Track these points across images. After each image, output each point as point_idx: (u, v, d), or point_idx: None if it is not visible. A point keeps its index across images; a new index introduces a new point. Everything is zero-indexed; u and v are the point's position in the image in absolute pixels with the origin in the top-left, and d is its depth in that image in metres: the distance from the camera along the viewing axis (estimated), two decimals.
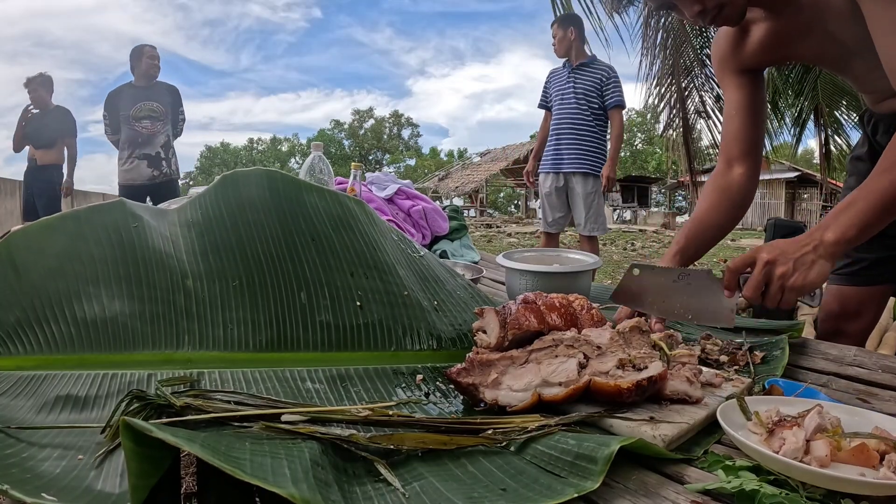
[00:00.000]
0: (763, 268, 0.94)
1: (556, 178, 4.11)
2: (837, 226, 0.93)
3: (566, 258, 1.55)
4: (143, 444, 0.54)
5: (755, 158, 1.30)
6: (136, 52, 4.83)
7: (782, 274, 0.92)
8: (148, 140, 4.84)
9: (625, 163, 42.37)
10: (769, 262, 0.93)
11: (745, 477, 0.64)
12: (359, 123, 55.79)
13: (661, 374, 0.81)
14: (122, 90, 4.90)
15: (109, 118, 4.84)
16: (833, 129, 8.30)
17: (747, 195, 1.31)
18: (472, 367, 0.83)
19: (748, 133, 1.29)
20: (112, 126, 4.85)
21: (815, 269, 0.92)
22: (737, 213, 1.32)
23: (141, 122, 4.81)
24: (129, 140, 4.78)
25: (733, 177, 1.30)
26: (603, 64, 4.04)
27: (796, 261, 0.92)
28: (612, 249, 10.49)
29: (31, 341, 0.86)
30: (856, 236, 0.93)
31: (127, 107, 4.78)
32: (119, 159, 4.84)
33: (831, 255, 0.93)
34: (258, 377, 0.88)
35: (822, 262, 0.92)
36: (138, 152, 4.81)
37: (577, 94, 3.97)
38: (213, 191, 1.08)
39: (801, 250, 0.93)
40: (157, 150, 4.88)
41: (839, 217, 0.94)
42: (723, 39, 1.29)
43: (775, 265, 0.93)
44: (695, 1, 1.06)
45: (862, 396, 0.92)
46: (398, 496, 0.60)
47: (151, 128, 4.86)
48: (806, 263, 0.92)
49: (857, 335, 1.51)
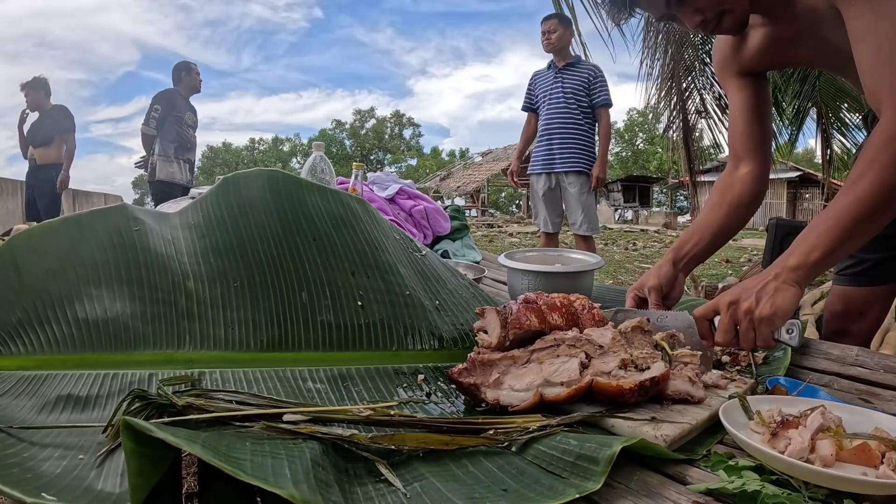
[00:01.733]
0: (728, 309, 0.91)
1: (548, 179, 4.12)
2: (800, 251, 0.91)
3: (568, 258, 1.54)
4: (143, 443, 0.54)
5: (762, 158, 1.29)
6: (185, 66, 5.21)
7: (748, 309, 0.89)
8: (193, 147, 5.22)
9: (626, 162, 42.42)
10: (732, 302, 0.91)
11: (748, 477, 0.64)
12: (360, 123, 55.84)
13: (663, 375, 0.81)
14: (174, 94, 5.16)
15: (162, 112, 4.99)
16: (835, 129, 8.29)
17: (754, 195, 1.28)
18: (474, 367, 0.83)
19: (753, 133, 1.29)
20: (159, 121, 5.00)
21: (781, 295, 0.88)
22: (741, 212, 1.28)
23: (190, 130, 5.15)
24: (179, 143, 5.07)
25: (738, 176, 1.28)
26: (588, 64, 4.09)
27: (758, 292, 0.89)
28: (613, 249, 10.49)
29: (32, 341, 0.86)
30: (821, 259, 0.90)
31: (181, 110, 5.08)
32: (161, 156, 5.01)
33: (795, 280, 0.89)
34: (259, 377, 0.88)
35: (786, 286, 0.89)
36: (186, 156, 5.14)
37: (565, 93, 3.99)
38: (215, 193, 1.08)
39: (762, 282, 0.90)
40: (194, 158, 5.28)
41: (803, 242, 0.92)
42: (723, 44, 1.29)
43: (738, 303, 0.90)
44: (695, 12, 1.06)
45: (864, 396, 0.91)
46: (399, 496, 0.60)
47: (193, 137, 5.22)
48: (769, 292, 0.89)
49: (862, 335, 1.50)
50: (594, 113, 4.03)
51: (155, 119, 4.98)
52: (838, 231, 0.90)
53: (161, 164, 5.02)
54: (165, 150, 5.02)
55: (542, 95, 4.12)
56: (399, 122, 56.85)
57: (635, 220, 24.49)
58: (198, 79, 5.22)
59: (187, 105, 5.19)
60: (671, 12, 1.09)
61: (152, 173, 5.06)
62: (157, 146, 5.02)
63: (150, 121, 4.98)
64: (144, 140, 5.10)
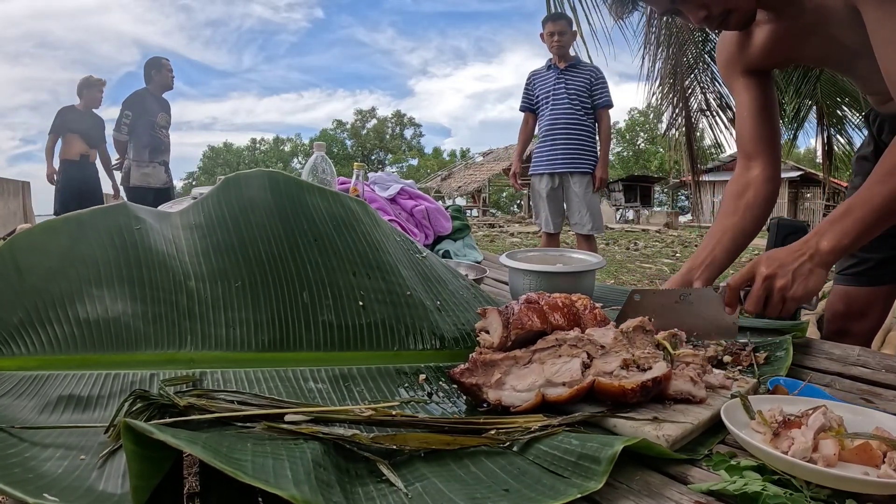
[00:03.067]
0: (763, 282, 0.95)
1: (550, 180, 4.11)
2: (833, 234, 0.95)
3: (569, 258, 1.54)
4: (144, 445, 0.54)
5: (773, 157, 1.28)
6: (155, 63, 5.10)
7: (783, 286, 0.94)
8: (167, 148, 5.16)
9: (627, 162, 42.39)
10: (769, 276, 0.95)
11: (749, 477, 0.64)
12: (361, 123, 55.83)
13: (665, 375, 0.81)
14: (144, 95, 5.08)
15: (132, 119, 4.96)
16: (836, 129, 8.28)
17: (768, 196, 1.28)
18: (476, 367, 0.83)
19: (762, 132, 1.27)
20: (130, 126, 4.98)
21: (813, 278, 0.94)
22: (757, 215, 1.28)
23: (163, 131, 5.09)
24: (152, 145, 5.02)
25: (750, 178, 1.27)
26: (588, 65, 4.12)
27: (794, 271, 0.94)
28: (614, 249, 10.47)
29: (33, 342, 0.86)
30: (851, 244, 0.95)
31: (152, 113, 5.01)
32: (134, 161, 5.00)
33: (827, 263, 0.95)
34: (260, 377, 0.88)
35: (818, 270, 0.94)
36: (159, 158, 5.09)
37: (569, 94, 3.99)
38: (216, 193, 1.08)
39: (798, 260, 0.94)
40: (168, 159, 5.21)
41: (835, 225, 0.95)
42: (727, 43, 1.28)
43: (775, 278, 0.95)
44: (700, 7, 1.06)
45: (866, 396, 0.91)
46: (401, 496, 0.60)
47: (167, 137, 5.17)
48: (804, 273, 0.94)
49: (863, 335, 1.50)
50: (595, 114, 4.03)
51: (126, 125, 4.98)
52: (869, 220, 0.94)
53: (134, 170, 5.02)
54: (139, 155, 5.01)
55: (542, 96, 4.11)
56: (400, 122, 56.83)
57: (636, 220, 24.46)
58: (169, 76, 5.16)
59: (159, 104, 5.13)
60: (675, 7, 1.08)
61: (126, 178, 5.07)
62: (131, 151, 5.02)
63: (122, 127, 4.99)
64: (117, 146, 5.14)
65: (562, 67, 4.01)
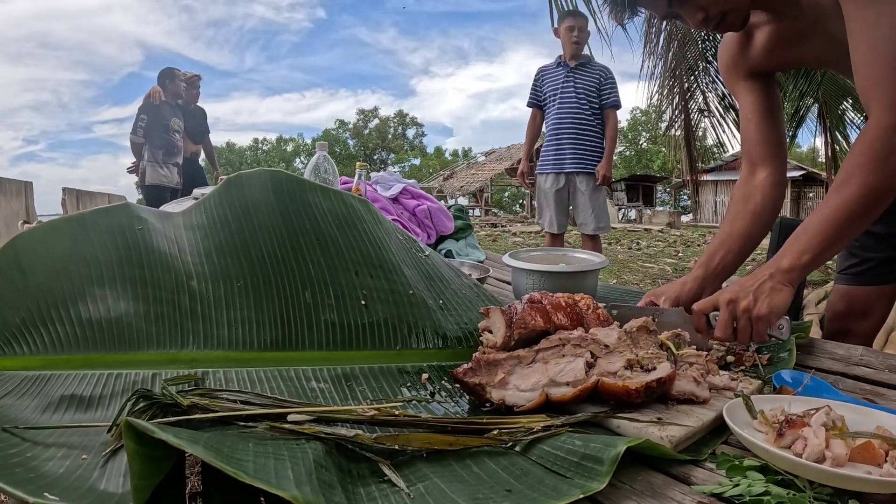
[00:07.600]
0: (727, 306, 0.95)
1: (556, 179, 4.06)
2: (792, 252, 0.95)
3: (572, 258, 1.54)
4: (146, 444, 0.54)
5: (779, 160, 1.27)
6: (168, 73, 5.53)
7: (746, 307, 0.93)
8: (179, 151, 5.53)
9: (629, 162, 42.35)
10: (731, 300, 0.95)
11: (752, 478, 0.63)
12: (363, 123, 55.82)
13: (669, 376, 0.81)
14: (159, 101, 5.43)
15: (147, 122, 5.32)
16: (838, 128, 8.26)
17: (775, 200, 1.27)
18: (479, 366, 0.83)
19: (767, 135, 1.26)
20: (146, 129, 5.32)
21: (779, 296, 0.93)
22: (765, 220, 1.27)
23: (175, 135, 5.47)
24: (166, 149, 5.39)
25: (756, 183, 1.26)
26: (599, 64, 4.05)
27: (755, 291, 0.94)
28: (617, 249, 10.46)
29: (35, 342, 0.86)
30: (813, 259, 0.94)
31: (167, 117, 5.40)
32: (149, 161, 5.33)
33: (789, 280, 0.94)
34: (263, 376, 0.88)
35: (781, 287, 0.94)
36: (173, 160, 5.46)
37: (577, 93, 3.94)
38: (218, 193, 1.08)
39: (759, 281, 0.95)
40: (181, 161, 5.57)
41: (794, 243, 0.96)
42: (728, 46, 1.28)
43: (738, 301, 0.94)
44: (698, 9, 1.06)
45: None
46: (402, 497, 0.60)
47: (180, 141, 5.53)
48: (765, 291, 0.93)
49: (865, 335, 1.49)
50: (602, 113, 4.01)
51: (142, 128, 5.31)
52: (827, 234, 0.94)
53: (150, 170, 5.33)
54: (154, 157, 5.34)
55: (550, 93, 4.06)
56: (402, 121, 56.80)
57: (639, 220, 24.42)
58: (181, 85, 5.61)
59: (172, 111, 5.50)
60: (674, 11, 1.09)
61: (142, 178, 5.36)
62: (147, 153, 5.32)
63: (138, 129, 5.32)
64: (133, 148, 5.42)
65: (572, 65, 3.97)
